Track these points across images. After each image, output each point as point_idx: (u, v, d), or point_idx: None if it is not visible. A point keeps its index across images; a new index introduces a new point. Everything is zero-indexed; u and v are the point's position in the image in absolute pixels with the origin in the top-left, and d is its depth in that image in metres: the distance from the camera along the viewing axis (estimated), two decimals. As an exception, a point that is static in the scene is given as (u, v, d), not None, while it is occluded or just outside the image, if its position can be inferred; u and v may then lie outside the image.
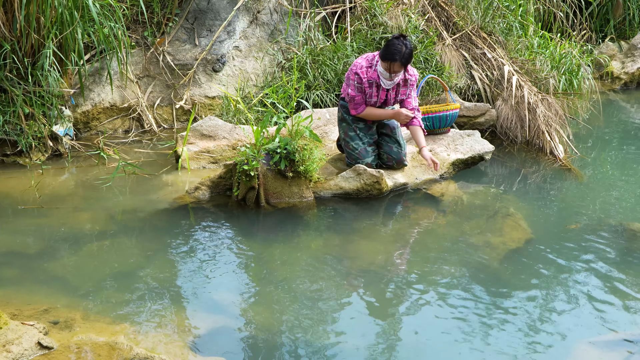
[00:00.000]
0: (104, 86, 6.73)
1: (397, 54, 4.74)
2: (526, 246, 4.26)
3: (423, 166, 5.35)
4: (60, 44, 5.86)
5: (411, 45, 4.80)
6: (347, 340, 3.28)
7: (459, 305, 3.57)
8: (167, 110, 7.04)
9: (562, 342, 3.26)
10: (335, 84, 6.68)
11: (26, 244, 4.31)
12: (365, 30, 7.11)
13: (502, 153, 6.25)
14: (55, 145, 6.01)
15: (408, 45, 4.76)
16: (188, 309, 3.55)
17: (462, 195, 5.11)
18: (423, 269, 3.97)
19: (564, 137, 6.34)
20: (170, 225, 4.57)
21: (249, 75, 7.23)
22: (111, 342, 3.03)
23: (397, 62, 4.77)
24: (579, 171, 5.73)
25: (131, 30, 7.06)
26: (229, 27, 7.24)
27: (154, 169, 5.71)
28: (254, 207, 4.78)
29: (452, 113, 5.55)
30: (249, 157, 4.69)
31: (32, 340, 2.97)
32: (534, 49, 7.31)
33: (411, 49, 4.77)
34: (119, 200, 5.09)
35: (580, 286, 3.79)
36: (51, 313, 3.34)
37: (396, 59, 4.75)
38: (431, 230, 4.56)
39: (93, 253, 4.19)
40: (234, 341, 3.29)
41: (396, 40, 4.77)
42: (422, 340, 3.30)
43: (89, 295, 3.65)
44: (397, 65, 4.78)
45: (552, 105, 6.56)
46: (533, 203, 5.12)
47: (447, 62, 6.97)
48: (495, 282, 3.83)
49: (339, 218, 4.76)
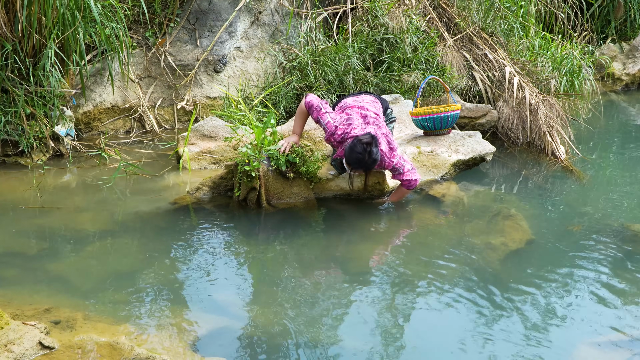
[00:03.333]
0: (105, 87, 6.74)
1: (357, 164, 4.46)
2: (527, 247, 4.25)
3: (424, 167, 5.35)
4: (61, 45, 5.87)
5: (376, 154, 4.42)
6: (347, 341, 3.28)
7: (460, 306, 3.57)
8: (168, 110, 7.04)
9: (564, 343, 3.25)
10: (337, 84, 6.68)
11: (27, 244, 4.31)
12: (367, 31, 7.11)
13: (503, 154, 6.24)
14: (56, 145, 6.01)
15: (373, 154, 4.40)
16: (189, 310, 3.54)
17: (463, 196, 5.11)
18: (424, 270, 3.97)
19: (565, 138, 6.34)
20: (172, 226, 4.57)
21: (250, 75, 7.23)
22: (112, 342, 3.03)
23: (360, 169, 4.57)
24: (580, 172, 5.73)
25: (132, 30, 7.07)
26: (230, 28, 7.25)
27: (155, 170, 5.71)
28: (255, 207, 4.78)
29: (453, 114, 5.55)
30: (250, 158, 4.69)
31: (33, 340, 2.97)
32: (535, 50, 7.31)
33: (375, 158, 4.42)
34: (120, 201, 5.09)
35: (582, 287, 3.78)
36: (52, 313, 3.34)
37: (356, 168, 4.52)
38: (432, 231, 4.56)
39: (94, 253, 4.19)
40: (235, 342, 3.28)
41: (362, 146, 4.39)
42: (423, 341, 3.29)
43: (90, 295, 3.65)
44: (359, 171, 4.61)
45: (554, 106, 6.56)
46: (534, 204, 5.11)
47: (449, 63, 6.97)
48: (497, 283, 3.82)
49: (340, 219, 4.76)
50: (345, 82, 6.70)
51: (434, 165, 5.38)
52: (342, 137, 4.59)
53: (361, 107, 4.76)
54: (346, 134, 4.57)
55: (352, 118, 4.65)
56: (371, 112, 4.74)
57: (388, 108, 5.06)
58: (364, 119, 4.69)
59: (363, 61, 6.91)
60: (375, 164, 4.49)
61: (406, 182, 4.76)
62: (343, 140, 4.60)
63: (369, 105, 4.82)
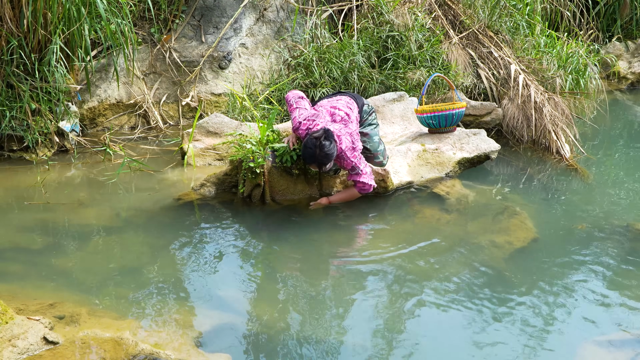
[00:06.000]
0: (111, 82, 6.74)
1: (309, 159, 4.42)
2: (532, 246, 4.24)
3: (429, 165, 5.34)
4: (67, 40, 5.87)
5: (329, 148, 4.35)
6: (351, 338, 3.28)
7: (464, 304, 3.56)
8: (173, 107, 7.04)
9: (568, 342, 3.25)
10: (341, 81, 6.67)
11: (32, 239, 4.31)
12: (372, 28, 7.09)
13: (508, 152, 6.23)
14: (61, 141, 6.02)
15: (324, 148, 4.33)
16: (193, 305, 3.54)
17: (468, 194, 5.10)
18: (428, 268, 3.96)
19: (571, 136, 6.32)
20: (176, 222, 4.57)
21: (255, 72, 7.22)
22: (116, 337, 3.03)
23: (313, 164, 4.51)
24: (585, 171, 5.71)
25: (138, 26, 7.07)
26: (235, 24, 7.24)
27: (160, 166, 5.71)
28: (259, 204, 4.78)
29: (458, 112, 5.53)
30: (255, 155, 4.68)
31: (37, 335, 2.97)
32: (541, 48, 7.29)
33: (327, 153, 4.35)
34: (125, 197, 5.09)
35: (587, 286, 3.77)
36: (57, 308, 3.34)
37: (309, 162, 4.47)
38: (436, 229, 4.55)
39: (98, 249, 4.19)
40: (238, 338, 3.28)
41: (312, 140, 4.37)
42: (426, 340, 3.29)
43: (94, 290, 3.65)
44: (314, 166, 4.55)
45: (559, 104, 6.54)
46: (539, 202, 5.10)
47: (454, 61, 6.94)
48: (501, 281, 3.81)
49: (345, 216, 4.75)
50: (350, 79, 6.69)
51: (439, 162, 5.37)
52: (307, 132, 4.60)
53: (333, 107, 4.78)
54: (309, 129, 4.58)
55: (319, 115, 4.66)
56: (342, 112, 4.73)
57: (365, 105, 5.04)
58: (332, 116, 4.70)
59: (368, 58, 6.89)
60: (328, 159, 4.41)
61: (360, 185, 4.69)
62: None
63: (342, 105, 4.81)
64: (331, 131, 4.46)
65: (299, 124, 4.66)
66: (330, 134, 4.42)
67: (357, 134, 4.75)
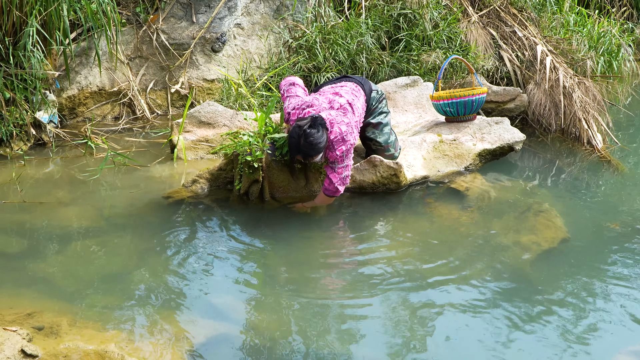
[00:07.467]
0: (92, 68, 6.75)
1: (292, 149, 4.43)
2: (561, 247, 4.24)
3: (446, 157, 5.34)
4: (44, 22, 5.88)
5: (316, 137, 4.32)
6: (359, 350, 3.28)
7: (487, 312, 3.57)
8: (161, 94, 7.05)
9: (600, 351, 3.25)
10: (348, 65, 6.67)
11: (7, 242, 4.33)
12: (382, 6, 7.09)
13: (534, 143, 6.22)
14: (38, 133, 6.03)
15: (308, 136, 4.30)
16: (185, 315, 3.56)
17: (490, 190, 5.10)
18: (445, 272, 3.96)
19: (603, 125, 6.31)
20: (165, 222, 4.58)
21: (252, 55, 7.22)
22: (101, 350, 3.04)
23: (299, 155, 4.49)
24: (619, 163, 5.71)
25: (121, 6, 7.07)
26: (229, 2, 7.24)
27: (147, 160, 5.73)
28: (258, 202, 4.79)
29: (478, 98, 5.53)
30: (252, 147, 4.68)
31: (14, 347, 2.99)
32: (570, 27, 7.28)
33: (311, 142, 4.31)
34: (109, 195, 5.11)
35: (621, 291, 3.77)
36: (35, 318, 3.36)
37: (292, 153, 4.49)
38: (455, 228, 4.55)
39: (80, 252, 4.20)
40: (234, 350, 3.30)
41: (297, 129, 4.36)
42: (444, 350, 3.29)
43: (76, 298, 3.67)
44: (300, 157, 4.52)
45: (590, 89, 6.53)
46: (569, 198, 5.10)
47: (473, 42, 6.94)
48: (527, 286, 3.82)
49: (352, 215, 4.76)
50: (358, 62, 6.68)
51: (457, 155, 5.37)
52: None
53: (335, 94, 4.75)
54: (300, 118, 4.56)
55: (314, 103, 4.63)
56: (342, 99, 4.68)
57: (373, 91, 5.01)
58: (330, 103, 4.66)
59: (378, 39, 6.88)
60: (314, 149, 4.36)
61: (327, 182, 4.60)
62: None
63: (345, 92, 4.77)
64: (322, 118, 4.41)
65: (288, 115, 4.69)
66: (319, 121, 4.37)
67: (356, 126, 4.70)
